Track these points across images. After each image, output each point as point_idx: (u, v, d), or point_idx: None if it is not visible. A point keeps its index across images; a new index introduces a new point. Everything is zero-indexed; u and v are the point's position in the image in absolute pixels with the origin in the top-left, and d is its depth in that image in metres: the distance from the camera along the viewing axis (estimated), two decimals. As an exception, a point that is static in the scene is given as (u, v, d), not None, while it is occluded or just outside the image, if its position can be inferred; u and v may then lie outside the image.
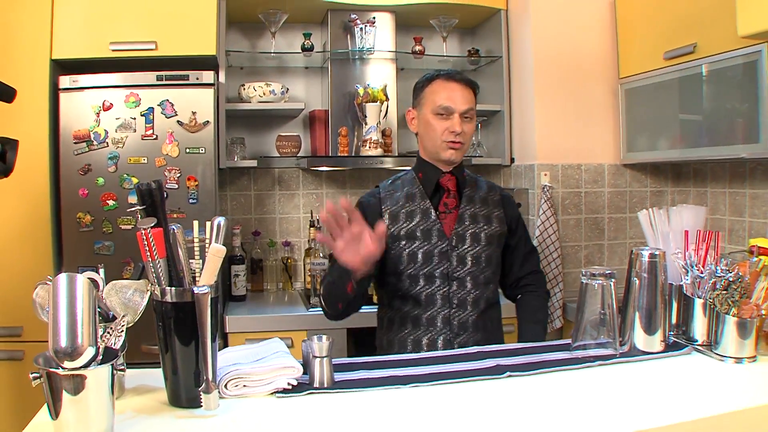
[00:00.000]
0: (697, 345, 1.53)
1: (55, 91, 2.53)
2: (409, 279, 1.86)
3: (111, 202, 2.52)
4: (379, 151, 2.93)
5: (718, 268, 1.48)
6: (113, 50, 2.58)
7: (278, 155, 3.10)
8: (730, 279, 1.46)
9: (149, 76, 2.55)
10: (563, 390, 1.30)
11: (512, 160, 3.07)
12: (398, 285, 1.88)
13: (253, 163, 2.98)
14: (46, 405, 1.06)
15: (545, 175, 2.84)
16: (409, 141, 3.28)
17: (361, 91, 2.94)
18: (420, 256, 1.85)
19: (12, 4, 2.52)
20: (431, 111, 1.88)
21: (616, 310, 1.47)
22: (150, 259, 1.20)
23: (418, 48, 3.10)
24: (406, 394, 1.28)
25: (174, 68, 2.59)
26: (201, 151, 2.59)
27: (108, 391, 1.06)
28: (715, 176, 2.81)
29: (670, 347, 1.53)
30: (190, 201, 2.59)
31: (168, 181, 2.57)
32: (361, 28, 2.94)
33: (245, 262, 2.98)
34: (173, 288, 1.20)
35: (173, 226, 1.25)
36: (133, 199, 2.52)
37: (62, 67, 2.63)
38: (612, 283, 1.46)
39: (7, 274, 2.48)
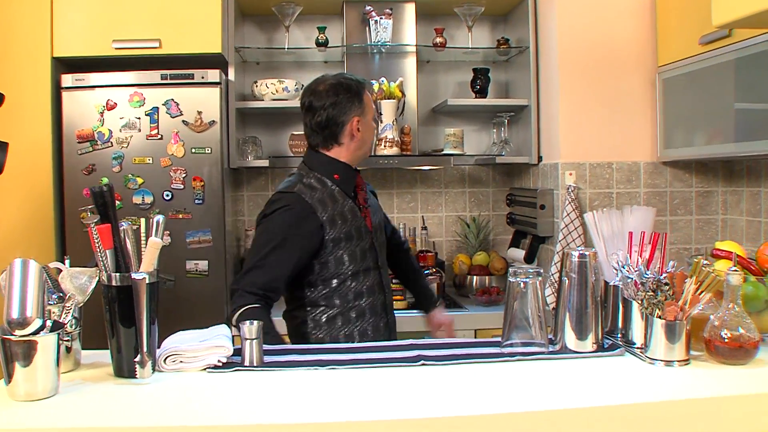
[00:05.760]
0: (635, 348, 1.85)
1: (57, 90, 3.04)
2: (352, 277, 2.33)
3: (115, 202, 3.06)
4: (395, 150, 3.34)
5: (648, 271, 1.80)
6: (116, 48, 3.09)
7: (292, 155, 3.58)
8: (662, 281, 1.78)
9: (154, 75, 3.07)
10: (472, 378, 1.65)
11: (540, 158, 3.40)
12: (339, 286, 2.32)
13: (265, 162, 3.45)
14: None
15: (570, 174, 3.15)
16: (432, 139, 3.67)
17: (375, 87, 3.35)
18: (358, 253, 2.34)
19: (10, 1, 3.01)
20: (373, 118, 2.43)
21: (543, 308, 1.82)
22: (98, 250, 1.68)
23: (438, 40, 3.48)
24: (327, 375, 1.68)
25: (179, 67, 3.09)
26: (207, 152, 3.10)
27: (53, 356, 1.53)
28: (768, 175, 3.01)
29: (604, 349, 1.85)
30: (196, 201, 3.10)
31: (173, 181, 3.09)
32: (377, 21, 3.36)
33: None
34: (117, 274, 1.68)
35: (123, 223, 1.74)
36: (137, 199, 3.07)
37: (64, 65, 3.15)
38: (539, 282, 1.82)
39: (11, 273, 3.03)
